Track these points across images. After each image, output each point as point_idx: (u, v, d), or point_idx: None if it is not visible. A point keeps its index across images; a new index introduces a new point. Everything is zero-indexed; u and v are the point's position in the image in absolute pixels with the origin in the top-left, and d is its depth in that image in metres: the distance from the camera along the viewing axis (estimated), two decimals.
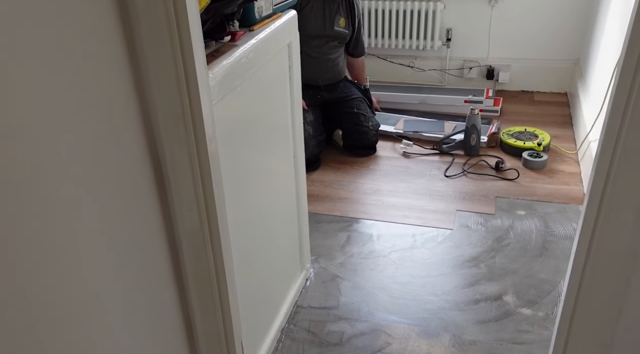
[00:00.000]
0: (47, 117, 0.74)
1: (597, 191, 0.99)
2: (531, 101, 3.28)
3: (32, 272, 0.73)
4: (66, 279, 0.80)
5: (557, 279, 1.83)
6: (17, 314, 0.72)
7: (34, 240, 0.73)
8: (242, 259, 1.29)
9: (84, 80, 0.80)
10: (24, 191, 0.70)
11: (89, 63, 0.81)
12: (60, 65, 0.75)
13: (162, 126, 0.96)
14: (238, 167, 1.27)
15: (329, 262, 1.98)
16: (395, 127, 2.93)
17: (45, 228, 0.75)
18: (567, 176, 2.45)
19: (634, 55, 0.87)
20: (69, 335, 0.82)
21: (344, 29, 2.72)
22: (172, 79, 0.93)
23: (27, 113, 0.70)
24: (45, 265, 0.76)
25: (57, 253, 0.78)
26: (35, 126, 0.72)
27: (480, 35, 3.31)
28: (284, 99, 1.53)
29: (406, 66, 3.46)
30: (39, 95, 0.72)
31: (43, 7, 0.71)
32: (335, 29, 2.68)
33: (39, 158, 0.73)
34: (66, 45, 0.76)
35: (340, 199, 2.39)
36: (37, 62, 0.71)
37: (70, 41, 0.77)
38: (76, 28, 0.78)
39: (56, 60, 0.74)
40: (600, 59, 2.54)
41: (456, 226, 2.15)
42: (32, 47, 0.70)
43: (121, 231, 0.91)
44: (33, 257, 0.73)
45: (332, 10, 2.65)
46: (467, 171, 2.55)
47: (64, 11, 0.75)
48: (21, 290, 0.72)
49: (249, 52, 1.23)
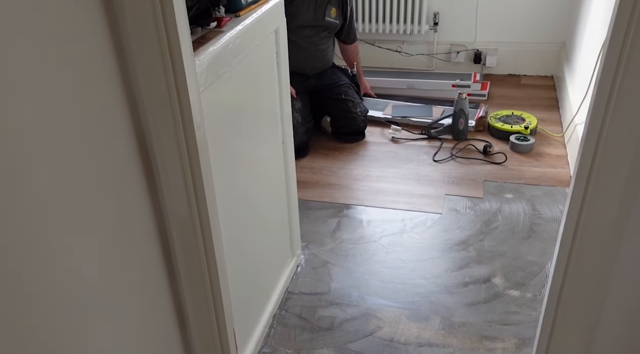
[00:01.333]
0: (28, 106, 0.73)
1: (583, 173, 1.00)
2: (518, 85, 3.29)
3: (18, 262, 0.73)
4: (55, 269, 0.79)
5: (545, 260, 1.86)
6: (6, 302, 0.71)
7: (18, 231, 0.72)
8: (232, 246, 1.29)
9: (66, 67, 0.79)
10: (5, 181, 0.70)
11: (70, 50, 0.79)
12: (40, 53, 0.74)
13: (149, 114, 0.95)
14: (227, 154, 1.26)
15: (319, 249, 1.99)
16: (383, 113, 2.93)
17: (30, 218, 0.74)
18: (554, 159, 2.47)
19: (619, 38, 0.88)
20: (59, 323, 0.82)
21: (335, 19, 2.70)
22: (158, 66, 0.92)
23: (7, 102, 0.69)
24: (32, 256, 0.75)
25: (44, 243, 0.77)
26: (16, 114, 0.71)
27: (467, 19, 3.30)
28: (272, 86, 1.52)
29: (394, 51, 3.45)
30: (18, 82, 0.71)
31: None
32: (327, 20, 2.66)
33: (19, 147, 0.71)
34: (47, 31, 0.75)
35: (330, 185, 2.39)
36: (13, 46, 0.70)
37: (51, 26, 0.75)
38: (57, 12, 0.76)
39: (36, 48, 0.73)
40: (586, 42, 2.55)
41: (445, 210, 2.17)
42: (8, 30, 0.68)
43: (109, 221, 0.91)
44: (17, 248, 0.73)
45: (324, 0, 2.63)
46: (455, 155, 2.56)
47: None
48: (9, 280, 0.71)
49: (235, 39, 1.21)
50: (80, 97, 0.82)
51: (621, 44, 0.88)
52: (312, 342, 1.60)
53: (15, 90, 0.70)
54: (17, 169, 0.71)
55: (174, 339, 1.18)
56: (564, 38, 3.20)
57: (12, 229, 0.70)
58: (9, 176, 0.69)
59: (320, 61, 2.73)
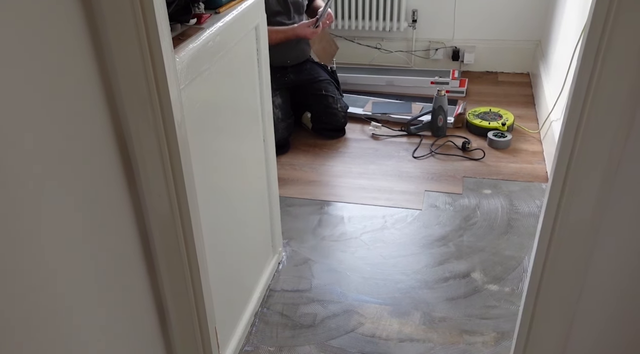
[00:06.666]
0: (6, 102, 0.71)
1: (560, 170, 1.02)
2: (495, 82, 3.33)
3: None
4: (32, 268, 0.78)
5: (522, 255, 1.90)
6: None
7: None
8: (213, 244, 1.28)
9: (42, 66, 0.77)
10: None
11: (46, 47, 0.77)
12: (18, 50, 0.72)
13: (129, 112, 0.94)
14: (207, 151, 1.25)
15: (300, 246, 1.99)
16: (363, 110, 2.94)
17: (9, 217, 0.72)
18: (531, 155, 2.52)
19: (595, 36, 0.89)
20: (39, 322, 0.80)
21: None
22: (137, 64, 0.90)
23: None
24: (10, 256, 0.73)
25: (23, 241, 0.75)
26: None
27: (445, 16, 3.33)
28: (252, 83, 1.52)
29: (373, 48, 3.46)
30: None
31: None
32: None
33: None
34: (23, 28, 0.73)
35: (311, 182, 2.39)
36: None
37: (28, 22, 0.73)
38: (34, 8, 0.74)
39: (14, 45, 0.71)
40: (561, 40, 2.60)
41: (425, 206, 2.19)
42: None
43: (88, 218, 0.89)
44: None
45: None
46: (434, 151, 2.58)
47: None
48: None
49: (215, 36, 1.20)
50: (57, 96, 0.80)
51: (597, 43, 0.89)
52: (294, 339, 1.60)
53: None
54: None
55: (155, 338, 1.16)
56: (540, 36, 3.25)
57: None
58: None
59: (297, 50, 2.69)
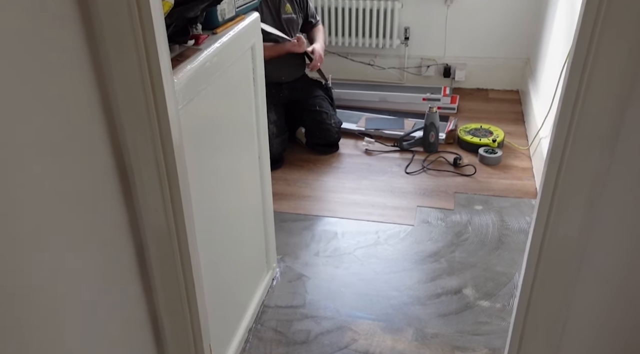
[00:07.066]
0: (8, 120, 0.73)
1: (548, 189, 1.05)
2: (486, 98, 3.39)
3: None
4: (28, 281, 0.79)
5: (513, 271, 1.92)
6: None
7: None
8: (209, 260, 1.29)
9: (45, 84, 0.79)
10: None
11: (49, 65, 0.79)
12: (22, 69, 0.74)
13: (127, 132, 0.95)
14: (204, 168, 1.27)
15: (294, 261, 2.00)
16: (357, 125, 2.97)
17: (7, 230, 0.74)
18: (521, 171, 2.56)
19: (581, 55, 0.93)
20: (34, 335, 0.81)
21: (292, 15, 2.71)
22: (137, 85, 0.93)
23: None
24: (7, 265, 0.75)
25: (20, 254, 0.77)
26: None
27: (437, 34, 3.39)
28: (248, 101, 1.54)
29: (366, 64, 3.51)
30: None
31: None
32: (284, 17, 2.67)
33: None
34: (29, 50, 0.75)
35: (304, 197, 2.41)
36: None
37: (33, 44, 0.76)
38: (37, 28, 0.76)
39: (19, 65, 0.73)
40: (549, 58, 2.65)
41: (417, 222, 2.21)
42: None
43: (84, 233, 0.91)
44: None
45: (275, 1, 2.65)
46: (426, 167, 2.62)
47: (26, 9, 0.74)
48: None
49: (213, 56, 1.23)
50: (58, 114, 0.82)
51: (583, 61, 0.93)
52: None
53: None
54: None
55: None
56: (528, 54, 3.31)
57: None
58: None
59: (291, 66, 2.74)
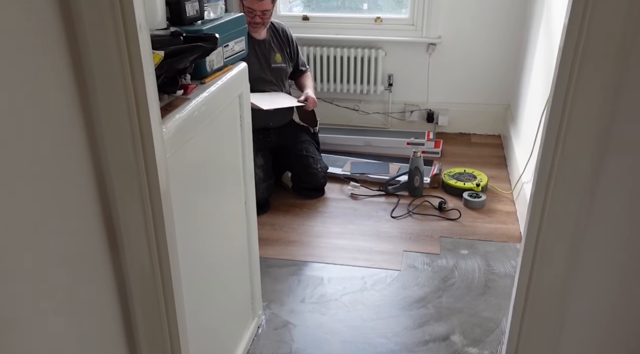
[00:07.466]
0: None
1: (532, 233, 1.07)
2: (469, 143, 3.46)
3: None
4: (11, 336, 0.77)
5: (500, 317, 1.91)
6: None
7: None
8: (193, 307, 1.27)
9: (33, 134, 0.80)
10: None
11: (37, 115, 0.80)
12: (11, 116, 0.75)
13: (115, 182, 0.96)
14: (190, 214, 1.27)
15: (280, 308, 1.98)
16: (342, 169, 3.01)
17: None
18: (505, 215, 2.59)
19: (559, 103, 0.97)
20: None
21: (281, 64, 2.79)
22: (126, 135, 0.94)
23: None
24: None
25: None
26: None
27: (420, 81, 3.49)
28: (235, 147, 1.56)
29: (351, 109, 3.58)
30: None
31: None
32: (273, 67, 2.75)
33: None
34: (19, 96, 0.76)
35: (291, 242, 2.40)
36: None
37: (19, 88, 0.77)
38: (29, 75, 0.78)
39: (9, 112, 0.74)
40: (529, 104, 2.74)
41: (404, 267, 2.21)
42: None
43: (68, 285, 0.89)
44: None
45: (264, 49, 2.72)
46: (412, 211, 2.64)
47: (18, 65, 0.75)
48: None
49: (201, 105, 1.25)
50: (46, 164, 0.82)
51: (561, 109, 0.97)
52: None
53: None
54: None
55: None
56: (509, 100, 3.42)
57: None
58: None
59: (280, 113, 2.77)
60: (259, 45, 2.68)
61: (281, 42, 2.81)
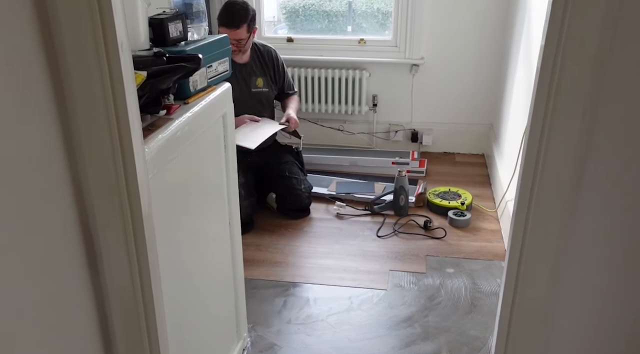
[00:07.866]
0: None
1: (515, 251, 1.08)
2: (453, 162, 3.49)
3: None
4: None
5: (486, 335, 1.91)
6: None
7: None
8: (176, 330, 1.25)
9: (10, 153, 0.79)
10: None
11: (17, 135, 0.80)
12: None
13: (96, 203, 0.95)
14: (173, 234, 1.25)
15: (266, 330, 1.95)
16: (327, 189, 3.01)
17: None
18: (490, 233, 2.60)
19: (538, 123, 0.98)
20: None
21: (263, 88, 2.78)
22: (108, 156, 0.93)
23: None
24: None
25: None
26: None
27: (404, 101, 3.53)
28: (219, 167, 1.55)
29: (336, 130, 3.60)
30: None
31: None
32: (253, 91, 2.75)
33: None
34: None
35: (276, 263, 2.38)
36: None
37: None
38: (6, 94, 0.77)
39: None
40: (511, 124, 2.78)
41: (390, 286, 2.20)
42: None
43: (46, 309, 0.87)
44: None
45: (245, 74, 2.71)
46: (397, 230, 2.64)
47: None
48: None
49: (184, 125, 1.25)
50: (24, 185, 0.81)
51: (540, 131, 0.98)
52: None
53: None
54: None
55: None
56: (492, 120, 3.47)
57: None
58: None
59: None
60: (239, 69, 2.66)
61: (264, 66, 2.80)
